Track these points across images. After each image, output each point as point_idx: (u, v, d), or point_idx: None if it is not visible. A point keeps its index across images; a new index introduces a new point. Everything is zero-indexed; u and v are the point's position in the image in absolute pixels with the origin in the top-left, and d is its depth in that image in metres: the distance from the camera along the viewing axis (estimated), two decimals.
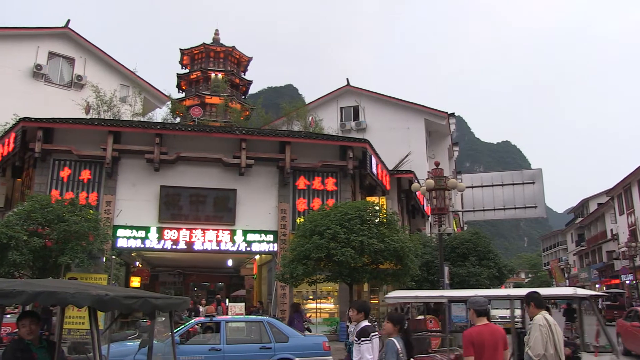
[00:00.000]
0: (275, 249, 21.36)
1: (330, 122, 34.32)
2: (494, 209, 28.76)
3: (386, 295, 10.27)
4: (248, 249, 21.42)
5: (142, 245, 20.74)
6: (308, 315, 21.08)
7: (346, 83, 37.02)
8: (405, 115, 34.86)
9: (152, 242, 20.72)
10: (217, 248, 21.12)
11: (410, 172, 27.48)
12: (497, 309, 29.32)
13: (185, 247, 20.93)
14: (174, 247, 20.88)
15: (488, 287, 25.86)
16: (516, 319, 10.72)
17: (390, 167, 27.12)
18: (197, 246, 20.99)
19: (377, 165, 23.62)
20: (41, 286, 5.87)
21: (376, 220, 16.60)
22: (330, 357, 13.35)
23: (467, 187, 24.09)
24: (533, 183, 27.49)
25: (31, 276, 15.67)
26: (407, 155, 31.12)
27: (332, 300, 22.69)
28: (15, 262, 14.71)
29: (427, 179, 18.69)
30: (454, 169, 46.47)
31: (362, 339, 6.72)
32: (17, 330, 12.32)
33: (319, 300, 22.53)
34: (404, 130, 33.95)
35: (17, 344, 6.03)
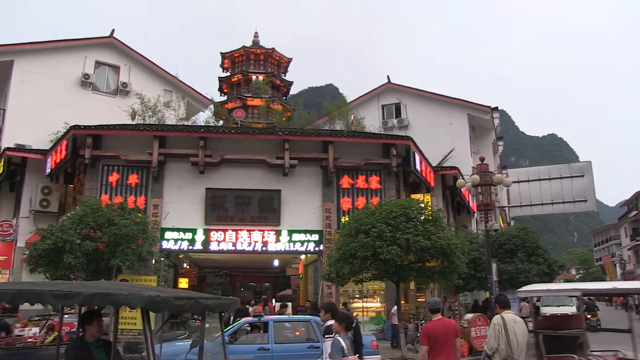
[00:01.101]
0: (321, 248, 21.39)
1: (372, 120, 34.24)
2: (542, 204, 28.24)
3: (519, 290, 10.18)
4: (293, 249, 21.51)
5: (189, 247, 21.07)
6: (355, 314, 21.07)
7: (387, 81, 36.90)
8: (447, 111, 34.53)
9: (199, 243, 21.01)
10: (263, 249, 21.27)
11: (455, 168, 27.17)
12: (558, 306, 28.75)
13: (232, 248, 21.15)
14: (220, 248, 21.13)
15: (537, 283, 25.42)
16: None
17: (434, 164, 26.88)
18: (243, 247, 21.18)
19: (420, 162, 23.43)
20: (96, 288, 6.04)
21: (421, 218, 16.44)
22: (379, 355, 13.30)
23: (513, 182, 23.72)
24: (582, 176, 26.90)
25: (85, 278, 16.08)
26: (451, 152, 30.79)
27: (378, 299, 22.63)
28: (70, 265, 15.14)
29: (472, 174, 18.47)
30: (499, 164, 45.75)
31: (326, 336, 7.86)
32: (74, 329, 12.68)
33: (365, 299, 22.49)
34: (447, 126, 33.63)
35: (78, 343, 6.23)
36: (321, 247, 21.41)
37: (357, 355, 7.46)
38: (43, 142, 25.81)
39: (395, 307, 18.29)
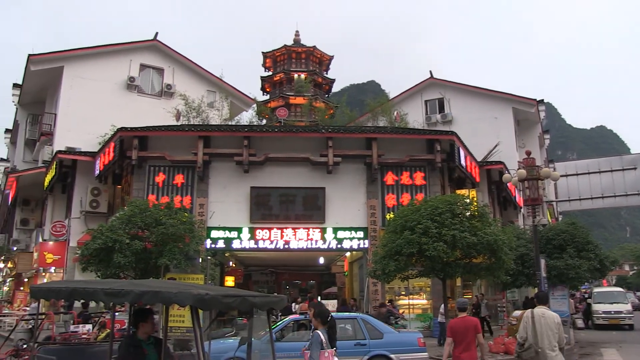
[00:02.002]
0: (366, 245, 21.33)
1: (415, 116, 33.98)
2: (592, 198, 27.50)
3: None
4: (338, 246, 21.51)
5: (235, 246, 21.28)
6: (401, 311, 20.96)
7: (429, 76, 36.57)
8: (492, 105, 34.03)
9: (245, 242, 21.21)
10: (308, 246, 21.33)
11: (500, 162, 26.72)
12: (611, 303, 27.95)
13: (277, 246, 21.27)
14: (265, 246, 21.28)
15: (588, 280, 24.77)
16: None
17: (479, 159, 26.49)
18: (288, 245, 21.28)
19: (465, 157, 23.12)
20: (146, 286, 6.15)
21: (467, 214, 16.18)
22: (426, 353, 13.19)
23: (561, 176, 23.12)
24: (635, 169, 26.07)
25: (134, 277, 16.38)
26: (496, 146, 30.29)
27: (424, 296, 22.44)
28: (120, 264, 15.45)
29: (518, 169, 18.11)
30: (546, 157, 44.84)
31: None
32: (124, 327, 12.94)
33: (411, 296, 22.34)
34: (492, 121, 33.15)
35: (130, 340, 6.35)
36: (366, 244, 21.34)
37: (335, 348, 7.97)
38: (92, 145, 26.46)
39: (443, 304, 18.11)
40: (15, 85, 38.25)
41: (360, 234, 21.51)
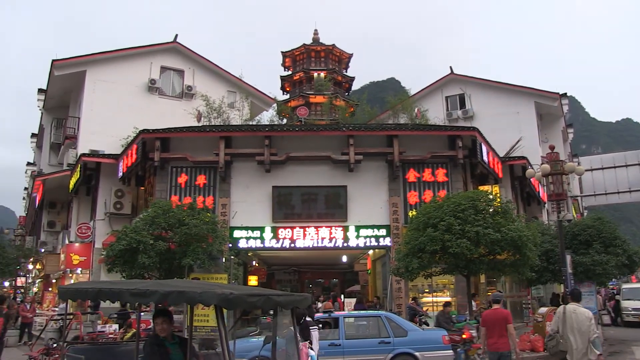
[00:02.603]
0: (389, 243, 21.25)
1: (436, 113, 33.84)
2: (618, 192, 26.97)
3: None
4: (361, 244, 21.45)
5: (258, 245, 21.34)
6: (425, 308, 20.86)
7: (450, 71, 36.34)
8: (513, 99, 33.74)
9: (267, 241, 21.24)
10: (331, 245, 21.31)
11: (523, 158, 26.44)
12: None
13: (299, 245, 21.28)
14: (288, 245, 21.31)
15: (616, 276, 24.39)
16: None
17: (501, 155, 26.25)
18: (311, 244, 21.26)
19: (487, 153, 22.93)
20: (171, 286, 6.21)
21: (490, 210, 16.08)
22: (451, 351, 13.12)
23: (586, 170, 22.78)
24: None
25: (158, 277, 16.54)
26: (519, 141, 30.01)
27: (448, 293, 22.31)
28: (145, 265, 15.62)
29: (541, 164, 17.96)
30: (570, 152, 44.29)
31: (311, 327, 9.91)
32: (150, 326, 13.08)
33: (435, 294, 22.23)
34: (514, 115, 32.87)
35: (154, 339, 6.40)
36: (389, 242, 21.27)
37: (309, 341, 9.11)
38: (115, 147, 26.74)
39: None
40: (40, 91, 38.89)
41: (383, 231, 21.43)
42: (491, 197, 16.95)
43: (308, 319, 9.60)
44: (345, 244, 21.37)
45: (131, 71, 31.16)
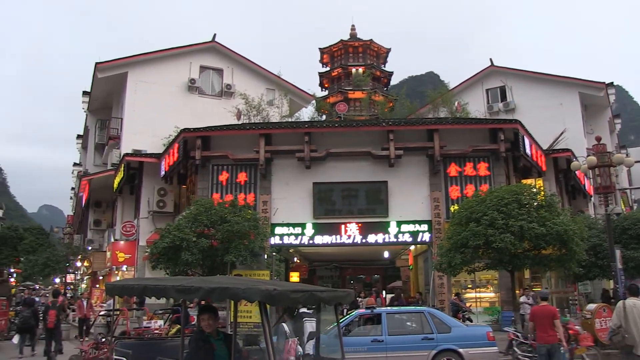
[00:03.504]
0: (431, 238, 21.08)
1: (476, 106, 33.32)
2: None
3: None
4: (402, 239, 21.33)
5: (299, 242, 21.42)
6: (468, 304, 20.63)
7: (490, 64, 35.76)
8: (557, 90, 32.97)
9: (308, 237, 21.31)
10: (372, 240, 21.25)
11: (568, 150, 25.83)
12: None
13: (340, 241, 21.28)
14: (329, 241, 21.32)
15: None
16: None
17: (545, 147, 25.72)
18: (352, 240, 21.26)
19: (530, 146, 22.49)
20: (215, 283, 6.25)
21: (534, 204, 15.81)
22: (496, 347, 12.90)
23: (635, 162, 22.12)
24: None
25: (201, 274, 16.75)
26: (562, 133, 29.31)
27: (491, 289, 22.01)
28: (188, 262, 15.85)
29: (587, 156, 17.52)
30: (617, 143, 43.08)
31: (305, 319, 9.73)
32: (194, 322, 13.23)
33: (478, 289, 21.95)
34: (557, 107, 32.13)
35: (199, 335, 6.46)
36: (431, 237, 21.09)
37: (297, 338, 9.13)
38: (157, 147, 27.15)
39: (523, 297, 17.87)
40: (84, 93, 39.77)
41: (424, 227, 21.27)
42: (535, 190, 16.65)
43: (303, 309, 9.60)
44: (386, 240, 21.28)
45: (171, 71, 31.59)
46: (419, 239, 21.40)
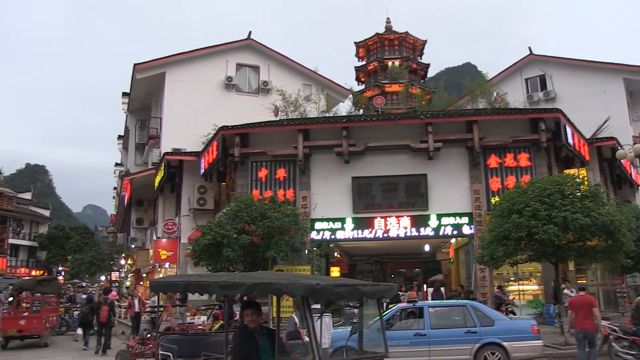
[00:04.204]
0: (472, 231, 20.84)
1: (515, 96, 32.79)
2: None
3: None
4: (443, 233, 21.15)
5: (339, 236, 21.43)
6: (511, 297, 20.36)
7: (529, 52, 35.12)
8: (599, 77, 32.14)
9: (348, 232, 21.31)
10: (412, 234, 21.13)
11: (612, 138, 25.17)
12: None
13: (381, 235, 21.22)
14: (369, 236, 21.28)
15: None
16: None
17: (588, 136, 25.15)
18: (392, 233, 21.17)
19: (572, 135, 22.02)
20: (258, 278, 6.32)
21: (578, 194, 15.46)
22: (541, 341, 12.68)
23: None
24: None
25: (243, 270, 16.91)
26: (606, 121, 28.63)
27: (535, 281, 21.66)
28: (229, 258, 16.03)
29: (634, 144, 17.07)
30: None
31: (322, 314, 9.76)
32: (236, 318, 13.36)
33: (521, 282, 21.62)
34: (600, 94, 31.31)
35: (243, 330, 6.52)
36: (472, 230, 20.86)
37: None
38: (196, 145, 27.49)
39: (567, 290, 17.55)
40: (124, 94, 40.57)
41: (465, 219, 21.05)
42: (578, 180, 16.29)
43: (315, 305, 9.53)
44: (426, 233, 21.15)
45: (208, 70, 31.93)
46: (459, 232, 21.19)
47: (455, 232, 21.26)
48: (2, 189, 56.71)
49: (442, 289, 22.80)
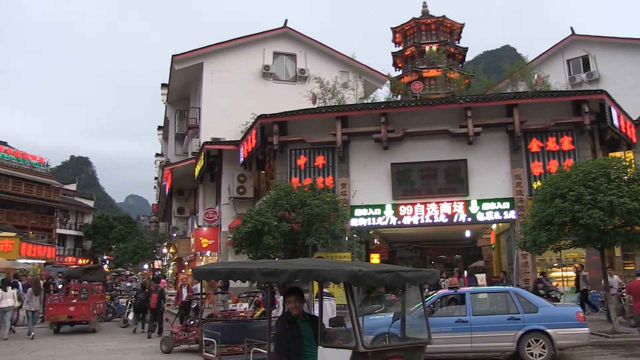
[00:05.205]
0: (513, 216, 20.55)
1: (557, 78, 32.10)
2: None
3: None
4: (484, 218, 20.90)
5: (379, 223, 21.37)
6: (554, 284, 20.04)
7: (571, 32, 34.26)
8: None
9: (388, 219, 21.23)
10: (452, 220, 20.94)
11: None
12: None
13: (421, 221, 21.09)
14: (409, 222, 21.17)
15: None
16: None
17: (635, 118, 24.44)
18: (432, 220, 21.02)
19: (618, 117, 21.44)
20: (300, 265, 6.34)
21: (625, 177, 15.04)
22: (587, 328, 12.41)
23: None
24: None
25: (283, 257, 17.03)
26: None
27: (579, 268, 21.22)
28: (270, 246, 16.17)
29: None
30: None
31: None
32: (277, 305, 13.45)
33: (564, 268, 21.24)
34: None
35: (286, 317, 6.57)
36: (513, 215, 20.56)
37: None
38: (235, 134, 27.71)
39: (616, 276, 17.22)
40: (163, 85, 41.11)
41: (506, 204, 20.76)
42: (625, 163, 15.84)
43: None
44: (467, 219, 20.94)
45: (245, 59, 32.09)
46: (501, 217, 20.91)
47: (496, 218, 20.98)
48: (49, 180, 58.33)
49: (484, 275, 22.50)
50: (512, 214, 20.62)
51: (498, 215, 20.83)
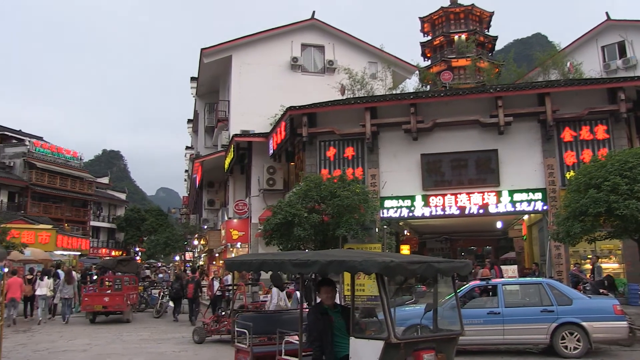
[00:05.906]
0: (545, 207, 20.24)
1: (590, 65, 31.41)
2: None
3: None
4: (515, 209, 20.64)
5: (409, 214, 21.27)
6: (588, 276, 19.70)
7: (606, 18, 33.49)
8: None
9: (418, 210, 21.12)
10: (483, 211, 20.73)
11: None
12: None
13: (451, 212, 20.94)
14: (439, 213, 21.03)
15: None
16: None
17: None
18: (463, 211, 20.85)
19: None
20: (331, 256, 6.32)
21: None
22: (624, 322, 12.13)
23: None
24: None
25: (314, 249, 17.03)
26: None
27: (614, 259, 20.85)
28: (300, 237, 16.19)
29: None
30: None
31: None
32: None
33: (600, 260, 20.85)
34: None
35: (318, 308, 6.57)
36: (545, 206, 20.26)
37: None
38: (264, 126, 27.77)
39: None
40: (192, 79, 41.45)
41: (538, 195, 20.46)
42: None
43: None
44: (498, 210, 20.71)
45: (273, 51, 32.11)
46: (532, 208, 20.62)
47: (528, 209, 20.71)
48: (82, 174, 59.39)
49: (515, 267, 22.22)
50: (544, 205, 20.31)
51: (530, 206, 20.55)
